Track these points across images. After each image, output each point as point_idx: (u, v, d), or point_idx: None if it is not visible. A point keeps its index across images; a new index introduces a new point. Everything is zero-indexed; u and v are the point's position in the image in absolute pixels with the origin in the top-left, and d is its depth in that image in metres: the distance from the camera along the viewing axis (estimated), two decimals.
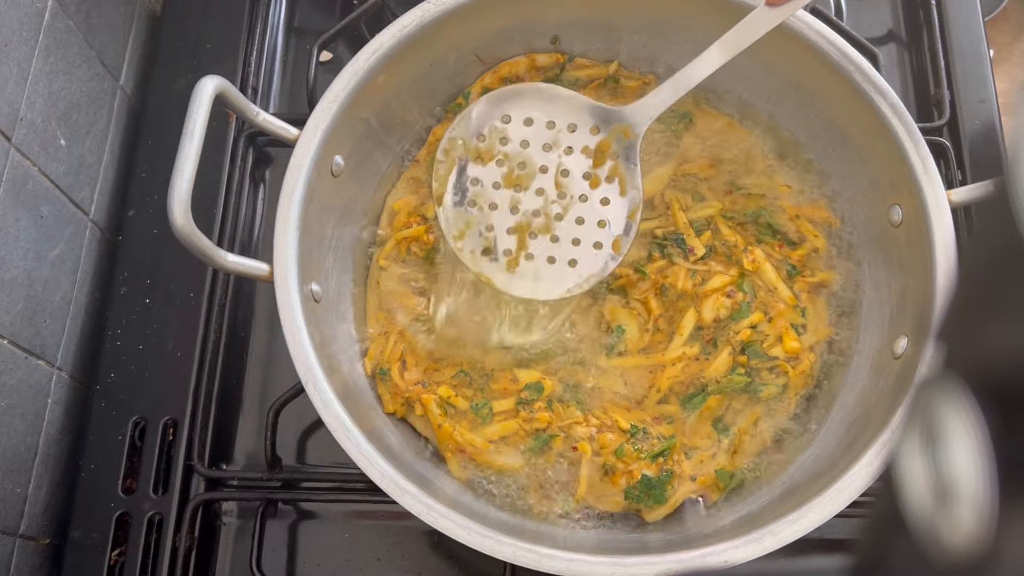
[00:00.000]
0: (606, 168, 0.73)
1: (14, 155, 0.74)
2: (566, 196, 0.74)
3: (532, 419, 0.74)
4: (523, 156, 0.74)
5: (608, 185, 0.74)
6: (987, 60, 0.94)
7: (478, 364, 0.77)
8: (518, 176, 0.74)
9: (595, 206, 0.74)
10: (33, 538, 0.76)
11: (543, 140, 0.74)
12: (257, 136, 0.90)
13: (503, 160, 0.74)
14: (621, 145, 0.73)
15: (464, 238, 0.74)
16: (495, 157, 0.74)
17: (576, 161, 0.74)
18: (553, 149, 0.74)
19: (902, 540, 0.24)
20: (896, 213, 0.73)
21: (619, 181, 0.73)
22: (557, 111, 0.74)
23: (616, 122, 0.73)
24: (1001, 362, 0.21)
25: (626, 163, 0.73)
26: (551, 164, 0.74)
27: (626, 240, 0.73)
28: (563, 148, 0.74)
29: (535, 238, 0.74)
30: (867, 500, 0.64)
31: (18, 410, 0.74)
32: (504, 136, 0.74)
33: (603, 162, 0.73)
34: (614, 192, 0.74)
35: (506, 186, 0.74)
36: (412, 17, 0.75)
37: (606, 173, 0.73)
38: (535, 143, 0.74)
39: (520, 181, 0.74)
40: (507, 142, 0.74)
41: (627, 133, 0.73)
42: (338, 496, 0.77)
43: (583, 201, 0.74)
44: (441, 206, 0.75)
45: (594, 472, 0.74)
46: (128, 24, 0.94)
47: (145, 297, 0.85)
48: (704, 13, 0.77)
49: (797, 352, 0.77)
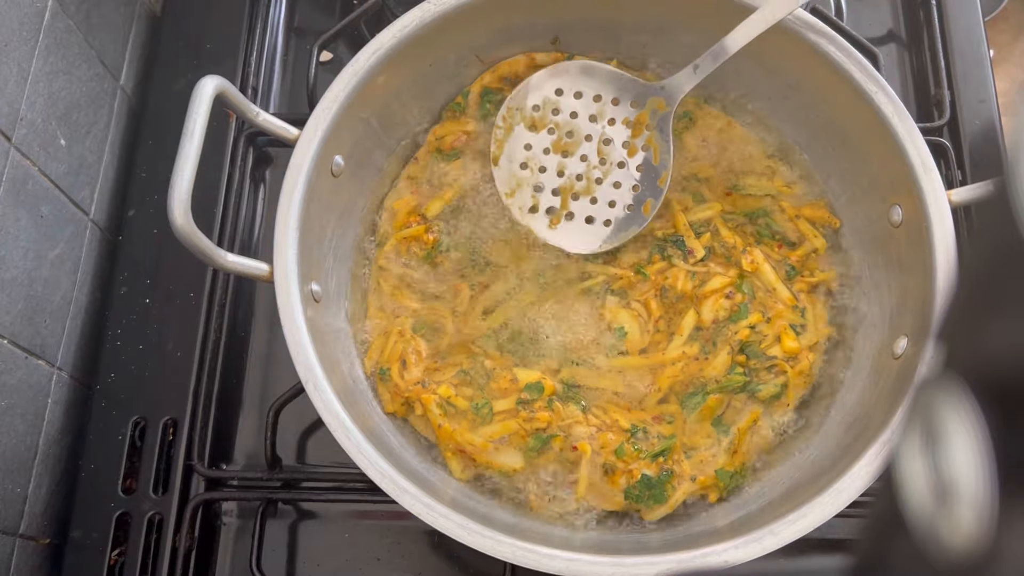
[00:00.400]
0: (643, 138, 0.80)
1: (14, 155, 0.74)
2: (607, 163, 0.81)
3: (532, 419, 0.74)
4: (572, 125, 0.81)
5: (644, 153, 0.80)
6: (987, 60, 0.94)
7: (478, 363, 0.77)
8: (566, 143, 0.81)
9: (631, 172, 0.81)
10: (33, 538, 0.76)
11: (590, 111, 0.81)
12: (257, 136, 0.90)
13: (554, 128, 0.81)
14: (656, 117, 0.80)
15: (514, 196, 0.81)
16: (547, 125, 0.81)
17: (617, 131, 0.81)
18: (598, 120, 0.81)
19: (902, 540, 0.24)
20: (896, 213, 0.73)
21: (653, 150, 0.80)
22: (604, 85, 0.80)
23: (653, 96, 0.79)
24: (1001, 362, 0.21)
25: (660, 134, 0.80)
26: (596, 133, 0.81)
27: (655, 204, 0.80)
28: (607, 119, 0.81)
29: (576, 200, 0.81)
30: (867, 500, 0.64)
31: (18, 410, 0.74)
32: (556, 107, 0.81)
33: (640, 132, 0.80)
34: (648, 160, 0.80)
35: (555, 152, 0.81)
36: (412, 17, 0.75)
37: (643, 142, 0.80)
38: (583, 114, 0.81)
39: (568, 148, 0.81)
40: (558, 112, 0.81)
41: (661, 106, 0.79)
42: (338, 496, 0.77)
43: (621, 168, 0.81)
44: (496, 166, 0.81)
45: (594, 472, 0.74)
46: (128, 24, 0.94)
47: (145, 297, 0.85)
48: (704, 13, 0.77)
49: (796, 352, 0.77)
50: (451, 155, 0.83)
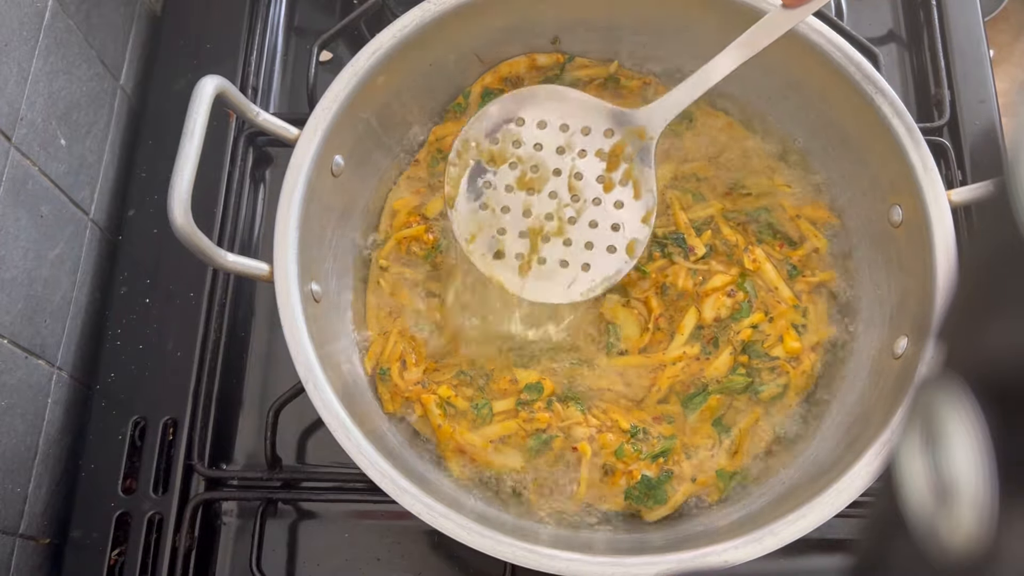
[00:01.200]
0: (620, 171, 0.73)
1: (14, 155, 0.74)
2: (579, 199, 0.73)
3: (532, 419, 0.74)
4: (536, 159, 0.73)
5: (622, 188, 0.73)
6: (987, 60, 0.94)
7: (478, 364, 0.77)
8: (531, 179, 0.73)
9: (609, 209, 0.73)
10: (33, 538, 0.76)
11: (557, 143, 0.73)
12: (257, 136, 0.90)
13: (516, 163, 0.74)
14: (635, 148, 0.72)
15: (475, 241, 0.74)
16: (508, 160, 0.73)
17: (590, 164, 0.73)
18: (567, 152, 0.73)
19: (902, 540, 0.24)
20: (896, 213, 0.73)
21: (633, 184, 0.73)
22: (571, 113, 0.73)
23: (630, 124, 0.73)
24: (1001, 361, 0.21)
25: (640, 166, 0.73)
26: (564, 167, 0.73)
27: (640, 244, 0.73)
28: (577, 151, 0.73)
29: (548, 241, 0.74)
30: (867, 500, 0.64)
31: (18, 410, 0.74)
32: (517, 139, 0.74)
33: (617, 165, 0.73)
34: (628, 195, 0.73)
35: (519, 189, 0.74)
36: (412, 17, 0.75)
37: (620, 176, 0.73)
38: (549, 146, 0.74)
39: (533, 184, 0.74)
40: (520, 145, 0.74)
41: (642, 135, 0.72)
42: (338, 496, 0.77)
43: (596, 205, 0.73)
44: (453, 208, 0.74)
45: (594, 472, 0.74)
46: (128, 24, 0.94)
47: (145, 297, 0.85)
48: (704, 13, 0.77)
49: (798, 352, 0.77)
50: None
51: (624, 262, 0.73)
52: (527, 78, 0.84)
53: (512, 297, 0.76)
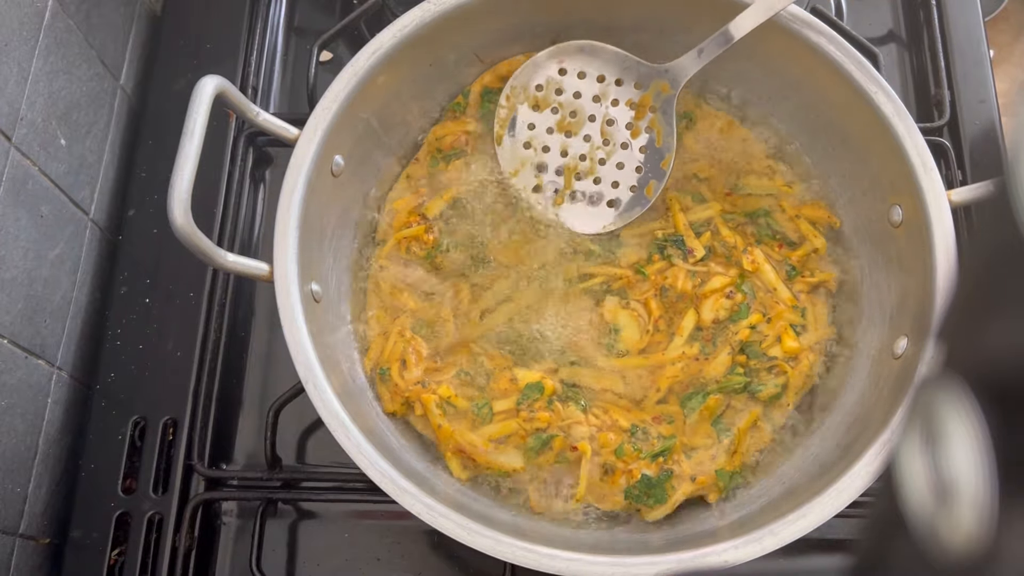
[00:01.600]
0: (646, 119, 0.80)
1: (14, 155, 0.74)
2: (610, 143, 0.81)
3: (532, 419, 0.74)
4: (575, 105, 0.81)
5: (647, 135, 0.81)
6: (987, 60, 0.94)
7: (479, 364, 0.77)
8: (569, 123, 0.81)
9: (635, 153, 0.81)
10: (33, 538, 0.76)
11: (593, 92, 0.81)
12: (257, 136, 0.90)
13: (557, 108, 0.82)
14: (660, 99, 0.80)
15: (518, 175, 0.82)
16: (551, 105, 0.81)
17: (621, 112, 0.81)
18: (601, 101, 0.81)
19: (902, 540, 0.24)
20: (896, 213, 0.73)
21: (657, 132, 0.80)
22: (607, 66, 0.81)
23: (657, 78, 0.80)
24: (1001, 361, 0.21)
25: (663, 116, 0.80)
26: (599, 114, 0.81)
27: (658, 186, 0.81)
28: (610, 100, 0.81)
29: (580, 179, 0.82)
30: (867, 500, 0.64)
31: (18, 409, 0.74)
32: (559, 87, 0.81)
33: (644, 114, 0.80)
34: (652, 142, 0.81)
35: (558, 131, 0.82)
36: (412, 17, 0.75)
37: (646, 124, 0.81)
38: (586, 94, 0.81)
39: (571, 128, 0.82)
40: (562, 92, 0.81)
41: (665, 89, 0.79)
42: (338, 496, 0.77)
43: (624, 148, 0.81)
44: (500, 145, 0.82)
45: (594, 472, 0.74)
46: (128, 24, 0.94)
47: (145, 297, 0.85)
48: (704, 13, 0.77)
49: (796, 352, 0.77)
50: (451, 155, 0.83)
51: (644, 201, 0.81)
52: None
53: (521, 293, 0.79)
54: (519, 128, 0.82)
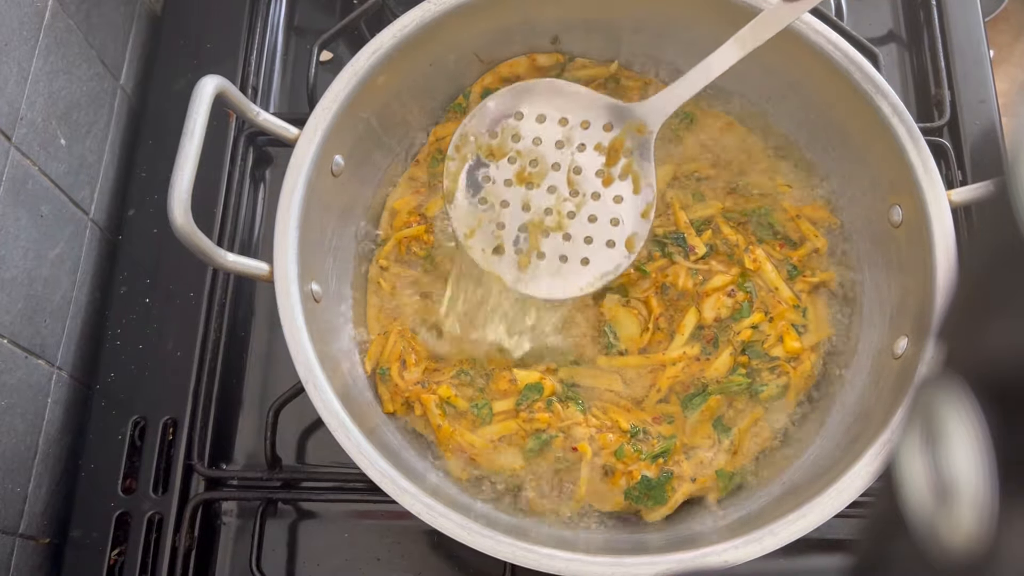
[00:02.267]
0: (619, 165, 0.73)
1: (14, 154, 0.74)
2: (579, 194, 0.73)
3: (532, 419, 0.74)
4: (535, 153, 0.73)
5: (621, 182, 0.73)
6: (987, 60, 0.94)
7: (478, 364, 0.77)
8: (530, 173, 0.73)
9: (608, 204, 0.73)
10: (33, 537, 0.76)
11: (556, 137, 0.73)
12: (257, 136, 0.90)
13: (515, 157, 0.73)
14: (635, 142, 0.72)
15: (475, 236, 0.73)
16: (507, 154, 0.73)
17: (589, 158, 0.73)
18: (566, 146, 0.73)
19: (902, 540, 0.24)
20: (896, 213, 0.73)
21: (632, 178, 0.73)
22: (570, 107, 0.73)
23: (629, 119, 0.72)
24: (1001, 361, 0.21)
25: (640, 160, 0.72)
26: (564, 161, 0.73)
27: (639, 238, 0.72)
28: (576, 145, 0.73)
29: (547, 236, 0.73)
30: (867, 500, 0.64)
31: (18, 409, 0.74)
32: (516, 133, 0.73)
33: (616, 159, 0.72)
34: (627, 189, 0.73)
35: (518, 183, 0.73)
36: (412, 17, 0.75)
37: (619, 170, 0.73)
38: (547, 140, 0.73)
39: (532, 178, 0.73)
40: (519, 139, 0.74)
41: (641, 130, 0.72)
42: (338, 496, 0.77)
43: (596, 199, 0.73)
44: (452, 203, 0.74)
45: (594, 472, 0.74)
46: (128, 23, 0.94)
47: (145, 297, 0.85)
48: (704, 13, 0.77)
49: (798, 352, 0.77)
50: None
51: (624, 257, 0.72)
52: (527, 78, 0.84)
53: (503, 304, 0.76)
54: (471, 182, 0.73)
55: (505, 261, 0.73)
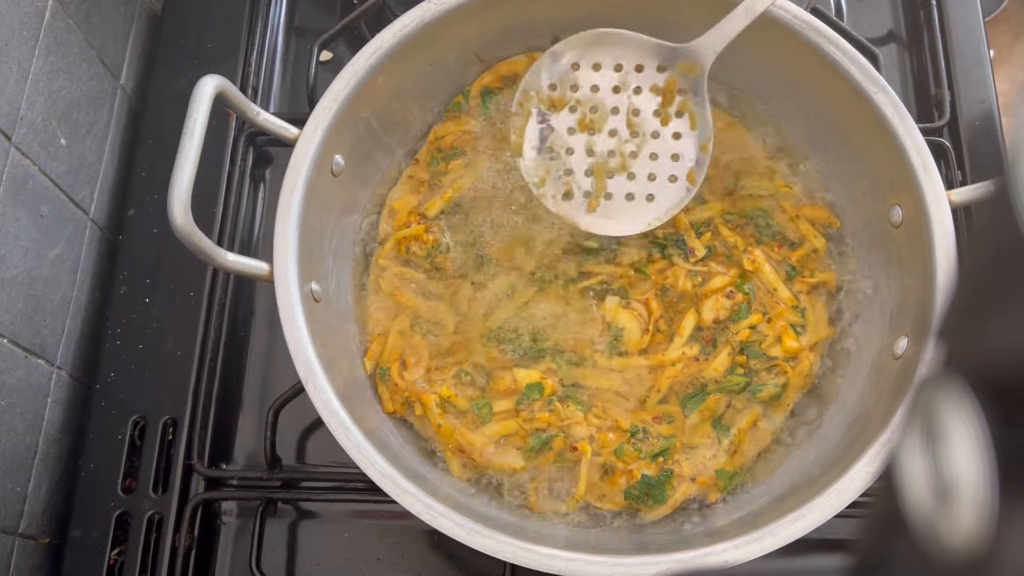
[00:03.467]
0: (675, 104, 0.75)
1: (14, 154, 0.74)
2: (639, 134, 0.76)
3: (532, 419, 0.74)
4: (594, 100, 0.76)
5: (678, 120, 0.76)
6: (987, 61, 0.94)
7: (479, 364, 0.77)
8: (591, 120, 0.76)
9: (667, 141, 0.76)
10: (33, 537, 0.76)
11: (612, 82, 0.76)
12: (257, 136, 0.90)
13: (575, 106, 0.76)
14: (688, 81, 0.75)
15: (545, 185, 0.77)
16: (567, 104, 0.76)
17: (646, 100, 0.76)
18: (622, 90, 0.76)
19: (902, 540, 0.24)
20: (896, 213, 0.73)
21: (689, 116, 0.76)
22: (623, 53, 0.75)
23: (681, 59, 0.75)
24: (1001, 360, 0.21)
25: (694, 97, 0.75)
26: (622, 105, 0.76)
27: (700, 171, 0.75)
28: (632, 88, 0.76)
29: (612, 177, 0.77)
30: (867, 500, 0.64)
31: (18, 409, 0.74)
32: (574, 83, 0.76)
33: (672, 99, 0.75)
34: (685, 126, 0.76)
35: (580, 130, 0.77)
36: (412, 17, 0.75)
37: (675, 108, 0.75)
38: (604, 86, 0.76)
39: (593, 124, 0.76)
40: (578, 88, 0.76)
41: (693, 69, 0.74)
42: (338, 496, 0.77)
43: (655, 138, 0.76)
44: (521, 156, 0.77)
45: (594, 472, 0.74)
46: (128, 23, 0.94)
47: (145, 296, 0.85)
48: (703, 14, 0.77)
49: (797, 352, 0.77)
50: (451, 155, 0.83)
51: (686, 190, 0.76)
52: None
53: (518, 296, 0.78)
54: (537, 134, 0.77)
55: (575, 205, 0.77)
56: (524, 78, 0.76)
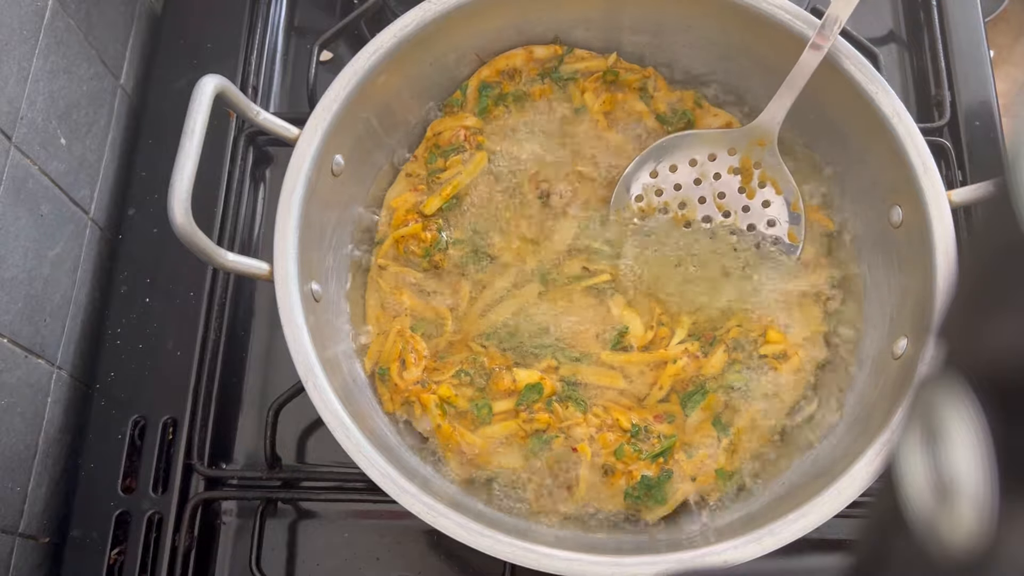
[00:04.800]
0: (756, 176, 0.80)
1: (14, 154, 0.74)
2: (731, 213, 0.81)
3: (532, 419, 0.74)
4: (681, 197, 0.81)
5: (763, 190, 0.80)
6: (987, 61, 0.94)
7: (479, 364, 0.77)
8: (684, 215, 0.81)
9: (759, 210, 0.81)
10: (33, 537, 0.76)
11: (692, 177, 0.81)
12: (257, 135, 0.90)
13: (665, 208, 0.81)
14: (761, 154, 0.80)
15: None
16: (657, 208, 0.81)
17: (727, 181, 0.81)
18: (703, 180, 0.81)
19: (902, 540, 0.24)
20: (896, 213, 0.73)
21: (771, 183, 0.80)
22: (695, 150, 0.81)
23: (750, 138, 0.80)
24: (1002, 360, 0.21)
25: (772, 166, 0.80)
26: (707, 192, 0.81)
27: (799, 229, 0.80)
28: (712, 176, 0.81)
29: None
30: (867, 500, 0.64)
31: (18, 409, 0.74)
32: (657, 188, 0.81)
33: (751, 174, 0.80)
34: (771, 193, 0.80)
35: (678, 227, 0.81)
36: (412, 17, 0.75)
37: (757, 180, 0.80)
38: (686, 182, 0.81)
39: (688, 217, 0.81)
40: (662, 192, 0.81)
41: (762, 142, 0.79)
42: (338, 495, 0.77)
43: (747, 211, 0.81)
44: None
45: (594, 472, 0.74)
46: (128, 23, 0.94)
47: (145, 296, 0.85)
48: (703, 14, 0.77)
49: (781, 344, 0.76)
50: (450, 151, 0.83)
51: (792, 249, 0.80)
52: (524, 70, 0.84)
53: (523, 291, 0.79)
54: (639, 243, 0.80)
55: None
56: (610, 204, 0.81)
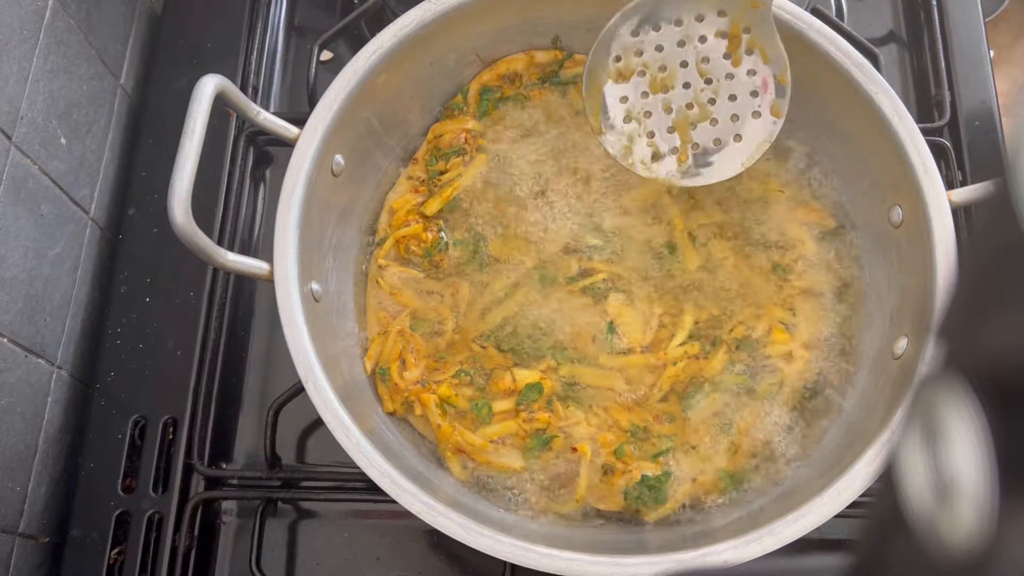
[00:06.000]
0: (743, 43, 0.74)
1: (14, 153, 0.74)
2: (713, 80, 0.75)
3: (532, 419, 0.74)
4: (661, 60, 0.75)
5: (750, 57, 0.75)
6: (987, 61, 0.94)
7: (479, 363, 0.77)
8: (662, 79, 0.76)
9: (743, 79, 0.75)
10: (33, 537, 0.76)
11: (676, 38, 0.75)
12: (257, 135, 0.90)
13: (643, 70, 0.76)
14: (752, 18, 0.73)
15: (631, 154, 0.77)
16: (635, 71, 0.76)
17: (713, 45, 0.75)
18: (687, 43, 0.75)
19: (902, 540, 0.24)
20: (896, 213, 0.73)
21: (759, 51, 0.74)
22: (679, 8, 0.74)
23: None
24: (1002, 359, 0.21)
25: (762, 31, 0.73)
26: (689, 57, 0.75)
27: (783, 102, 0.75)
28: (696, 38, 0.75)
29: (695, 128, 0.76)
30: (867, 500, 0.64)
31: (18, 408, 0.74)
32: (638, 49, 0.75)
33: (739, 40, 0.74)
34: (758, 62, 0.75)
35: (654, 92, 0.76)
36: (412, 17, 0.75)
37: (744, 47, 0.74)
38: (668, 44, 0.75)
39: (665, 82, 0.76)
40: (642, 53, 0.75)
41: (754, 4, 0.73)
42: (338, 495, 0.77)
43: (730, 80, 0.75)
44: (601, 135, 0.77)
45: (594, 472, 0.74)
46: (128, 23, 0.94)
47: (145, 296, 0.85)
48: None
49: (787, 345, 0.76)
50: (451, 153, 0.83)
51: (772, 123, 0.75)
52: (525, 75, 0.84)
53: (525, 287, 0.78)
54: (612, 108, 0.76)
55: (665, 164, 0.77)
56: (587, 60, 0.75)
